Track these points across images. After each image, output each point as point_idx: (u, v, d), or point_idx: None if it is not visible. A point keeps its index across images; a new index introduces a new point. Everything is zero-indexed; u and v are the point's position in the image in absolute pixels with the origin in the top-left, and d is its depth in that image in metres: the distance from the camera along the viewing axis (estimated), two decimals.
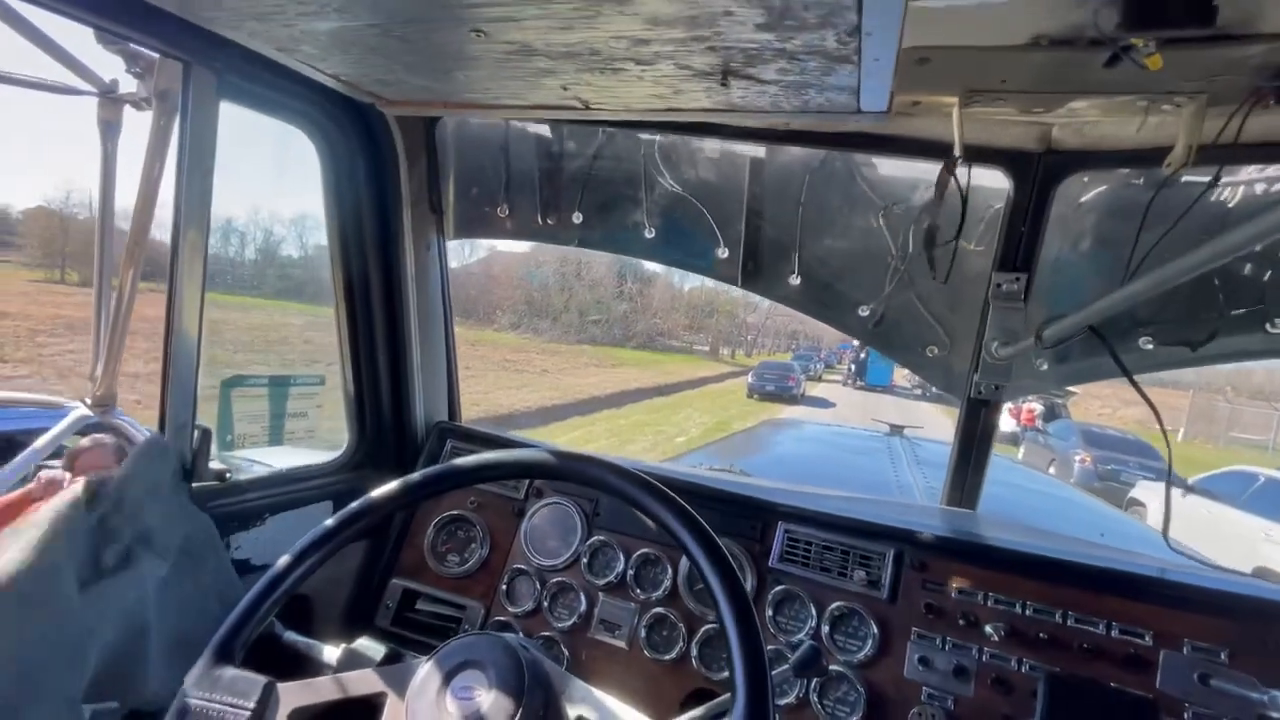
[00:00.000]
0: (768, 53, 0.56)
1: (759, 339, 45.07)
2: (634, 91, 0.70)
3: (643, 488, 0.83)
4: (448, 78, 0.74)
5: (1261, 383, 44.02)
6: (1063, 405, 17.80)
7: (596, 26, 0.54)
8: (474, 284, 27.18)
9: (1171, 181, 1.21)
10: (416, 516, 1.42)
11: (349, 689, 0.82)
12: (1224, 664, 0.86)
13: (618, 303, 28.73)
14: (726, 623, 0.72)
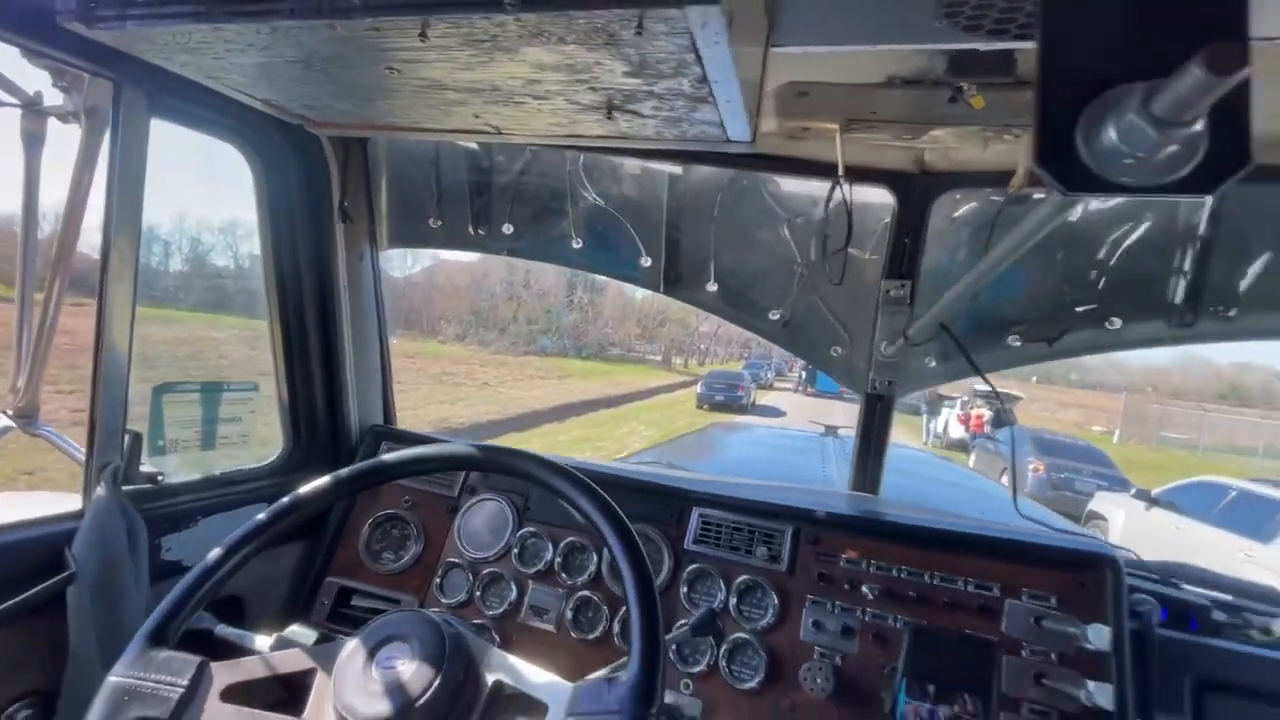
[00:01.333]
0: (640, 93, 0.69)
1: (712, 348, 45.79)
2: (536, 120, 0.82)
3: (560, 475, 0.94)
4: (370, 105, 0.84)
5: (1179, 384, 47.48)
6: (1009, 410, 18.80)
7: (492, 69, 0.65)
8: (417, 294, 26.69)
9: (1025, 199, 1.42)
10: (351, 517, 1.49)
11: (279, 666, 0.89)
12: (1054, 608, 1.03)
13: (568, 312, 28.77)
14: (628, 588, 0.83)
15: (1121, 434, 25.60)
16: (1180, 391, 41.66)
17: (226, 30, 0.62)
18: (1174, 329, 1.36)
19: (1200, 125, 0.49)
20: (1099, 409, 32.31)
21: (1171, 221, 1.32)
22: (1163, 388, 43.81)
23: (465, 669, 0.84)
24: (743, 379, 21.96)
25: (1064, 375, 47.84)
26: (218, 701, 0.84)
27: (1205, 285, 1.31)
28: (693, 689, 1.19)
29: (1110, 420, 28.50)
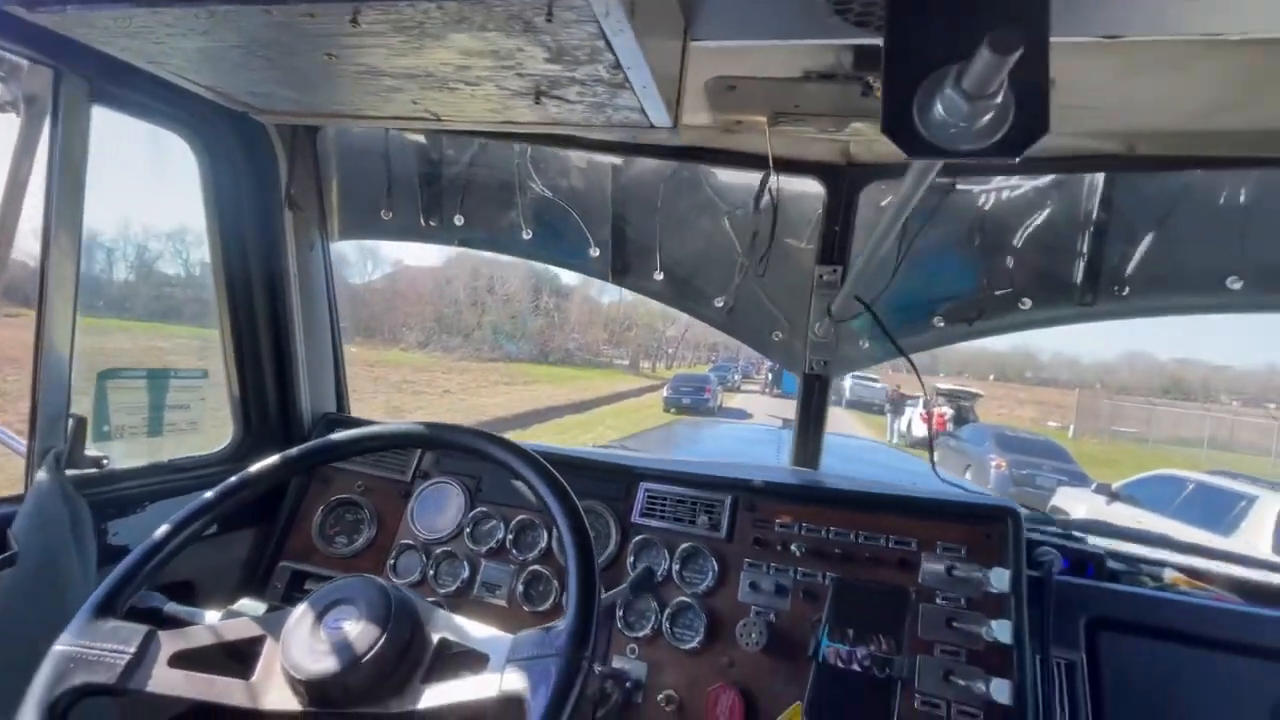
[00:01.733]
0: (563, 79, 0.76)
1: (679, 351, 46.11)
2: (472, 106, 0.87)
3: (501, 445, 0.99)
4: (312, 91, 0.88)
5: (1126, 379, 49.61)
6: (970, 408, 18.81)
7: (424, 55, 0.70)
8: (378, 301, 26.24)
9: (944, 188, 1.54)
10: (305, 502, 1.51)
11: (228, 634, 0.92)
12: (963, 558, 1.13)
13: (534, 318, 28.66)
14: (565, 543, 0.89)
15: (1076, 429, 26.54)
16: (1128, 387, 43.64)
17: (167, 14, 0.65)
18: (1077, 308, 1.48)
19: (1003, 98, 0.58)
20: (1054, 405, 33.52)
21: (1071, 209, 1.45)
22: (1111, 383, 45.83)
23: (411, 629, 0.88)
24: (709, 382, 22.18)
25: (1019, 373, 49.61)
26: (166, 668, 0.87)
27: (1102, 268, 1.44)
28: (638, 653, 1.26)
29: (1065, 416, 29.56)
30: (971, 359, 50.34)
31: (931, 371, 49.74)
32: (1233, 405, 34.12)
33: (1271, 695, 1.05)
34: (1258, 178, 1.28)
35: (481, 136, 1.56)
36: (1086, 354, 51.97)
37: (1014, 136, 0.60)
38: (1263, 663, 1.08)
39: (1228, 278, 1.33)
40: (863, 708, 0.93)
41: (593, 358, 33.43)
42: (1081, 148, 1.25)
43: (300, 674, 0.82)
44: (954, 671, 1.05)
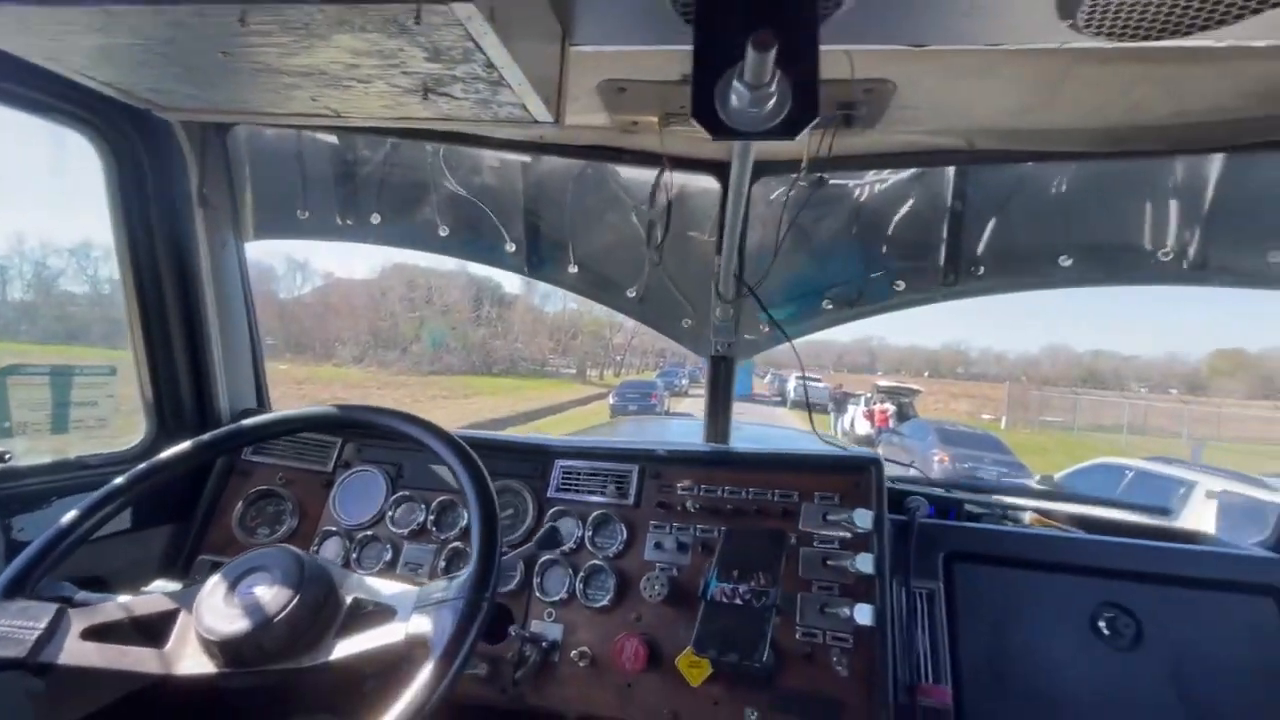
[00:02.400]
0: (446, 78, 0.85)
1: (626, 358, 46.27)
2: (368, 103, 0.96)
3: (409, 421, 1.07)
4: (213, 89, 0.94)
5: (1048, 371, 52.84)
6: (910, 404, 19.27)
7: (314, 54, 0.77)
8: (308, 315, 25.26)
9: (822, 184, 1.72)
10: (224, 496, 1.54)
11: (140, 609, 0.96)
12: (837, 504, 1.29)
13: (475, 328, 28.23)
14: (468, 497, 0.97)
15: (1008, 420, 27.98)
16: (1049, 378, 46.59)
17: (63, 12, 0.71)
18: (943, 288, 1.68)
19: (779, 88, 0.72)
20: (985, 398, 35.25)
21: (932, 199, 1.65)
22: (1035, 375, 48.80)
23: (325, 591, 0.95)
24: (655, 388, 22.41)
25: (951, 369, 52.27)
26: (78, 640, 0.91)
27: (960, 251, 1.64)
28: (554, 616, 1.36)
29: (996, 408, 31.14)
30: (907, 357, 52.62)
31: (870, 370, 51.82)
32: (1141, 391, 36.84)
33: (1090, 603, 1.25)
34: (1076, 169, 1.51)
35: (383, 134, 1.62)
36: (1013, 350, 55.27)
37: (791, 120, 0.74)
38: (1084, 577, 1.28)
39: (1059, 256, 1.55)
40: (741, 632, 1.06)
41: (539, 367, 33.13)
42: (929, 144, 1.44)
43: (214, 635, 0.88)
44: (828, 604, 1.20)
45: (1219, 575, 1.27)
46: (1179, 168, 1.45)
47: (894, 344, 56.89)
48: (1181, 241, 1.45)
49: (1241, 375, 32.99)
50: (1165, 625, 1.22)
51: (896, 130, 1.38)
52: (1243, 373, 32.47)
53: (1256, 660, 1.18)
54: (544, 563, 1.40)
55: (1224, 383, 29.99)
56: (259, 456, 1.60)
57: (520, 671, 1.29)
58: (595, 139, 1.58)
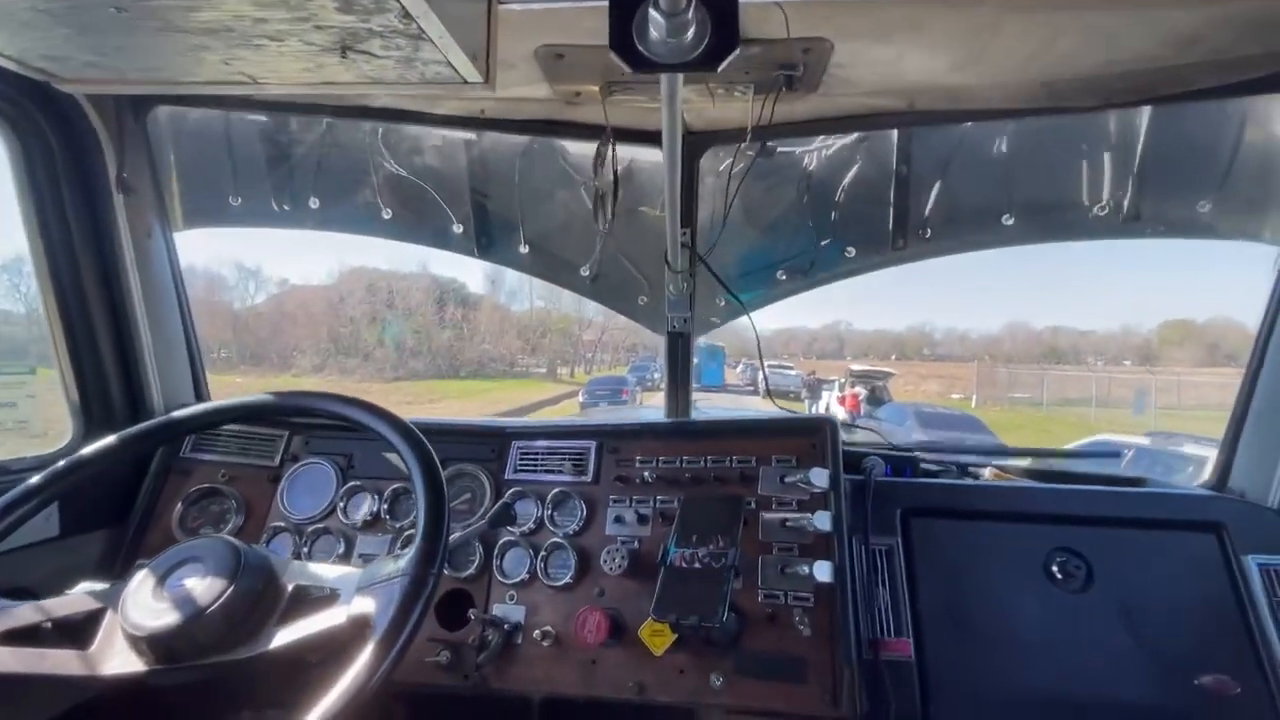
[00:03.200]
0: (362, 31, 0.82)
1: (598, 355, 46.05)
2: (285, 66, 0.92)
3: (350, 404, 1.04)
4: (115, 55, 0.89)
5: (1009, 349, 54.49)
6: (884, 387, 19.18)
7: (217, 6, 0.75)
8: (263, 325, 24.47)
9: (770, 153, 1.73)
10: (162, 497, 1.48)
11: (60, 610, 0.90)
12: (794, 466, 1.30)
13: (440, 331, 27.72)
14: (413, 475, 0.95)
15: (978, 398, 28.45)
16: (1011, 355, 47.96)
17: None
18: (893, 253, 1.71)
19: (696, 15, 0.72)
20: (953, 378, 35.85)
21: (878, 164, 1.67)
22: (997, 354, 50.20)
23: (263, 580, 0.91)
24: (626, 383, 22.33)
25: (917, 351, 53.49)
26: None
27: (908, 215, 1.67)
28: (516, 598, 1.34)
29: (965, 387, 31.75)
30: (874, 341, 53.72)
31: (839, 355, 52.67)
32: (1098, 365, 38.07)
33: (1042, 549, 1.29)
34: (1014, 129, 1.55)
35: (315, 111, 1.55)
36: (975, 330, 56.88)
37: (711, 51, 0.74)
38: (1036, 525, 1.32)
39: (1002, 215, 1.59)
40: (700, 594, 1.06)
41: (508, 368, 32.76)
42: (871, 105, 1.45)
43: (141, 631, 0.83)
44: (788, 565, 1.21)
45: (1164, 515, 1.32)
46: (1111, 124, 1.50)
47: (861, 329, 57.98)
48: (1116, 195, 1.50)
49: (1190, 345, 34.44)
50: (1114, 566, 1.27)
51: (838, 93, 1.39)
52: (1190, 342, 33.90)
53: (1200, 592, 1.23)
54: (503, 545, 1.39)
55: (1174, 352, 31.24)
56: (199, 454, 1.54)
57: (483, 655, 1.27)
58: (538, 112, 1.56)
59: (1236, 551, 1.25)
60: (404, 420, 1.01)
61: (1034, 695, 1.18)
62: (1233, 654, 1.18)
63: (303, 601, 0.92)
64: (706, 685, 1.16)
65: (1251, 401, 1.38)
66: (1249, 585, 1.22)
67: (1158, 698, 1.16)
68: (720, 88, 1.43)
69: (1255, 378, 1.37)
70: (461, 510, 1.45)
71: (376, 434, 1.00)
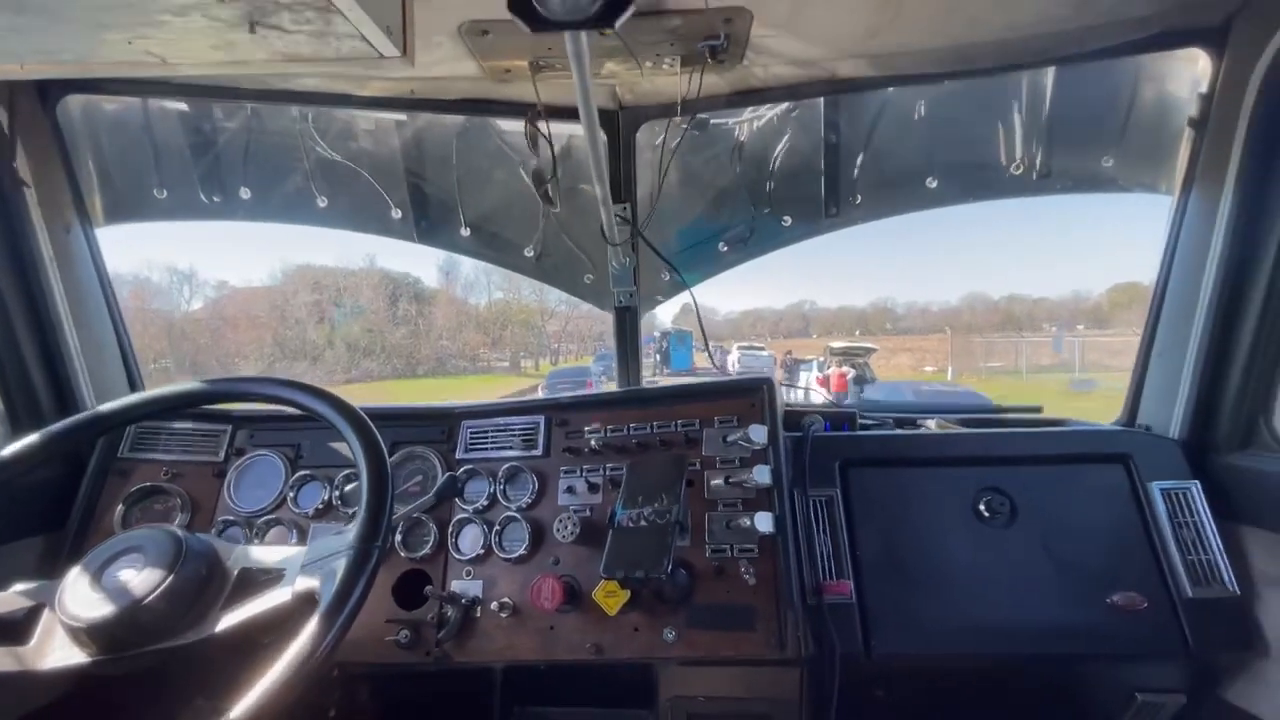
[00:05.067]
0: (269, 4, 0.82)
1: (563, 345, 45.72)
2: (193, 44, 0.91)
3: (290, 387, 1.05)
4: (7, 37, 0.88)
5: (969, 320, 56.01)
6: (866, 364, 18.36)
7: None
8: (201, 332, 23.50)
9: (704, 126, 1.79)
10: (101, 499, 1.47)
11: None
12: (735, 425, 1.37)
13: (394, 328, 27.12)
14: (355, 453, 0.97)
15: (954, 369, 28.72)
16: (971, 325, 49.39)
17: None
18: (826, 219, 1.80)
19: None
20: (923, 350, 36.11)
21: (808, 133, 1.75)
22: (958, 325, 51.61)
23: (207, 565, 0.92)
24: (589, 373, 22.24)
25: (880, 326, 54.71)
26: None
27: (839, 182, 1.76)
28: (473, 573, 1.39)
29: (936, 359, 32.12)
30: (839, 318, 54.72)
31: (804, 334, 53.54)
32: (1053, 330, 39.32)
33: (971, 490, 1.40)
34: (932, 95, 1.64)
35: (233, 97, 1.53)
36: (936, 303, 58.51)
37: (607, 7, 0.79)
38: (964, 468, 1.42)
39: (926, 179, 1.69)
40: (645, 549, 1.13)
41: (469, 364, 32.29)
42: (792, 75, 1.52)
43: (80, 622, 0.84)
44: (733, 519, 1.29)
45: (1079, 450, 1.44)
46: (1022, 87, 1.60)
47: (825, 306, 58.90)
48: (1029, 155, 1.61)
49: (1138, 306, 35.85)
50: (1035, 501, 1.38)
51: (761, 63, 1.46)
52: (1138, 304, 35.30)
53: (1110, 519, 1.36)
54: (457, 522, 1.43)
55: (1124, 315, 32.55)
56: (139, 453, 1.53)
57: (443, 632, 1.32)
58: (468, 91, 1.58)
59: (1143, 479, 1.37)
60: (337, 395, 1.03)
61: (965, 623, 1.29)
62: (1140, 573, 1.30)
63: (249, 584, 0.94)
64: (660, 640, 1.23)
65: (1154, 342, 1.51)
66: (1153, 509, 1.34)
67: (1074, 616, 1.28)
68: (648, 61, 1.47)
69: (1156, 320, 1.50)
70: (414, 492, 1.48)
71: (311, 411, 1.01)
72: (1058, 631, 1.28)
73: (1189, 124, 1.38)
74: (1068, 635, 1.28)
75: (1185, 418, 1.41)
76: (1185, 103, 1.40)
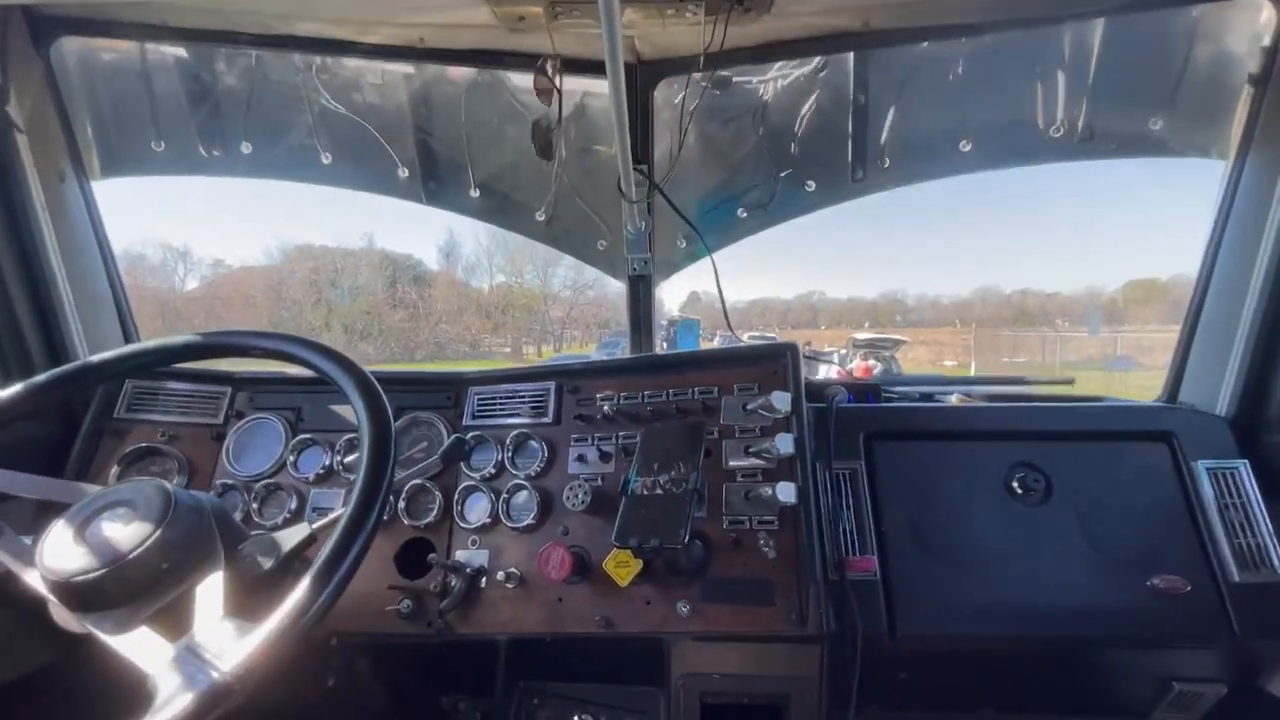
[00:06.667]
0: None
1: (567, 331, 45.70)
2: None
3: (290, 341, 1.00)
4: None
5: (980, 313, 55.46)
6: (892, 358, 18.34)
7: None
8: (196, 311, 23.52)
9: (726, 84, 1.72)
10: (95, 460, 1.44)
11: None
12: (756, 393, 1.32)
13: (392, 311, 27.06)
14: (358, 416, 0.92)
15: (977, 365, 27.76)
16: (982, 319, 48.93)
17: None
18: (853, 184, 1.74)
19: None
20: (940, 343, 35.05)
21: (835, 93, 1.68)
22: (968, 318, 51.19)
23: (198, 522, 0.87)
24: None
25: (890, 318, 54.43)
26: None
27: (866, 144, 1.70)
28: (479, 542, 1.35)
29: (956, 353, 31.24)
30: (847, 309, 54.49)
31: (813, 325, 53.43)
32: (1064, 326, 38.71)
33: (1002, 465, 1.35)
34: (970, 51, 1.57)
35: (236, 42, 1.47)
36: (946, 295, 58.12)
37: None
38: (996, 443, 1.37)
39: (959, 142, 1.62)
40: (661, 517, 1.09)
41: (470, 349, 32.24)
42: (824, 26, 1.46)
43: (55, 575, 0.80)
44: (752, 490, 1.24)
45: (1118, 427, 1.39)
46: (1065, 41, 1.53)
47: (834, 297, 58.64)
48: (1071, 115, 1.55)
49: (1155, 303, 35.48)
50: (1071, 478, 1.34)
51: (791, 13, 1.40)
52: (1156, 301, 34.91)
53: (1153, 499, 1.31)
54: (463, 490, 1.39)
55: (1140, 311, 32.01)
56: (136, 413, 1.50)
57: (446, 602, 1.29)
58: (479, 40, 1.52)
59: (1187, 458, 1.32)
60: (344, 353, 0.99)
61: (995, 604, 1.25)
62: (1183, 555, 1.26)
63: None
64: (673, 613, 1.19)
65: (1200, 317, 1.45)
66: (1198, 489, 1.29)
67: (1111, 599, 1.23)
68: (670, 8, 1.41)
69: (1204, 294, 1.44)
70: (418, 458, 1.45)
71: (315, 368, 0.97)
72: (1093, 615, 1.23)
73: (1248, 81, 1.31)
74: (1103, 619, 1.23)
75: (1234, 395, 1.36)
76: (1245, 58, 1.34)
